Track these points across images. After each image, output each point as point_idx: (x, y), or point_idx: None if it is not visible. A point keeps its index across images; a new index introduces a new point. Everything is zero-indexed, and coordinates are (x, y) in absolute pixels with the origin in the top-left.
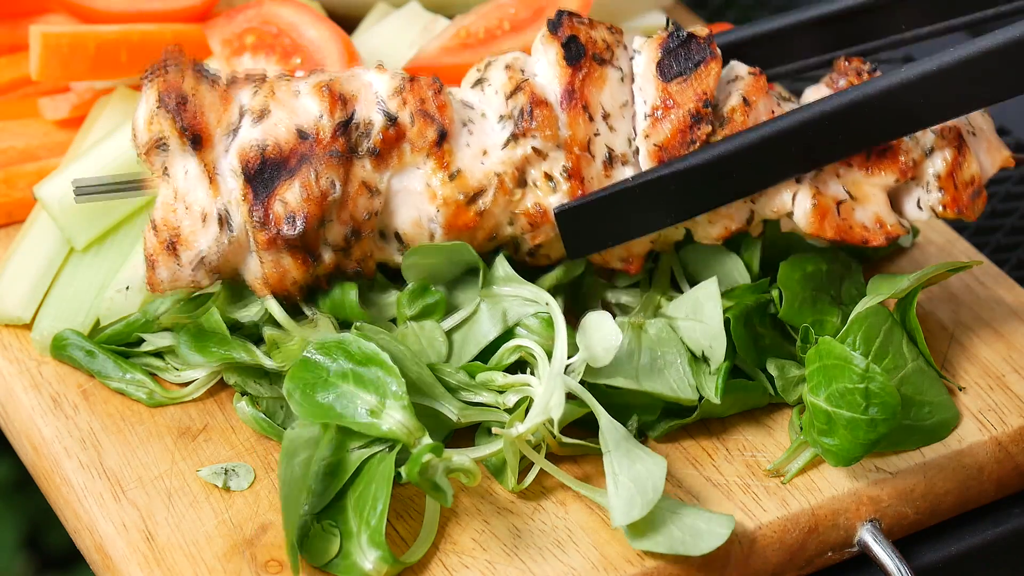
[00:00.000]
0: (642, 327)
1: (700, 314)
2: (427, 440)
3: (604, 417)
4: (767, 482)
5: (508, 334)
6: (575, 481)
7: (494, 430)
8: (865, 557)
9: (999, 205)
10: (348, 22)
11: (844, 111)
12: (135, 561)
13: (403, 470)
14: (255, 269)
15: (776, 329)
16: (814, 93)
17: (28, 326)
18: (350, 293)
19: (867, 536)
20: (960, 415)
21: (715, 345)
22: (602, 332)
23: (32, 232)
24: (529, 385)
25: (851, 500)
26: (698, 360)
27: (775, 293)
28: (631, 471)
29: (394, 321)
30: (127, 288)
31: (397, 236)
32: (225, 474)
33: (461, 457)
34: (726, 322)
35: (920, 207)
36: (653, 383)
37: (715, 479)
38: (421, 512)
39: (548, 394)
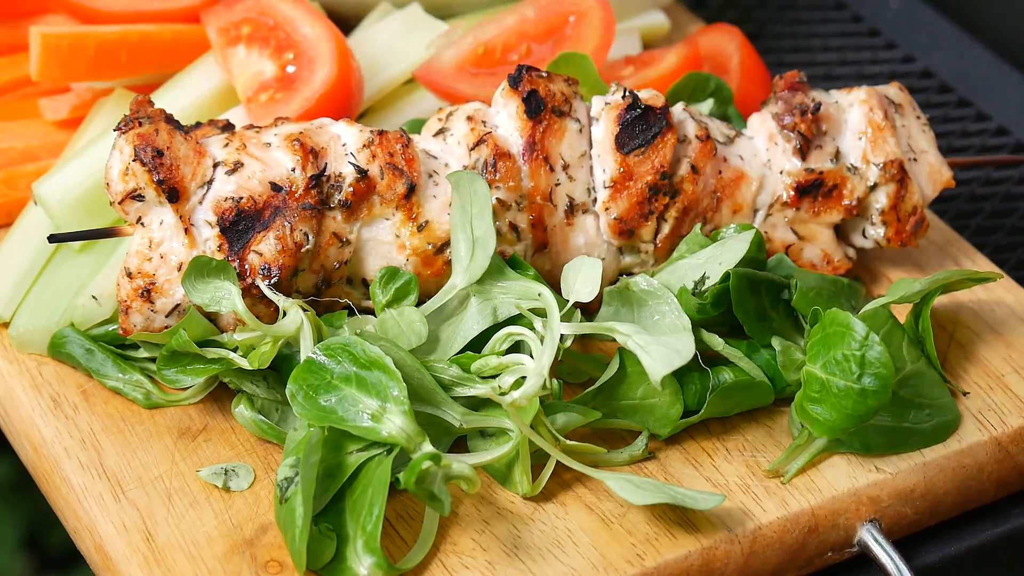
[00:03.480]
0: (627, 286)
1: (722, 255)
2: (427, 446)
3: (617, 325)
4: (767, 482)
5: (499, 327)
6: (591, 469)
7: (489, 395)
8: (865, 557)
9: (999, 205)
10: (350, 21)
11: None
12: (135, 561)
13: (401, 477)
14: (228, 316)
15: (789, 318)
16: (759, 122)
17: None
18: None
19: (867, 536)
20: (961, 417)
21: (724, 262)
22: (582, 271)
23: (19, 230)
24: (522, 363)
25: (851, 500)
26: (695, 294)
27: (792, 282)
28: (657, 341)
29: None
30: (93, 297)
31: (364, 283)
32: (225, 474)
33: (460, 465)
34: (726, 276)
35: (866, 236)
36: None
37: (715, 479)
38: (422, 514)
39: (542, 360)
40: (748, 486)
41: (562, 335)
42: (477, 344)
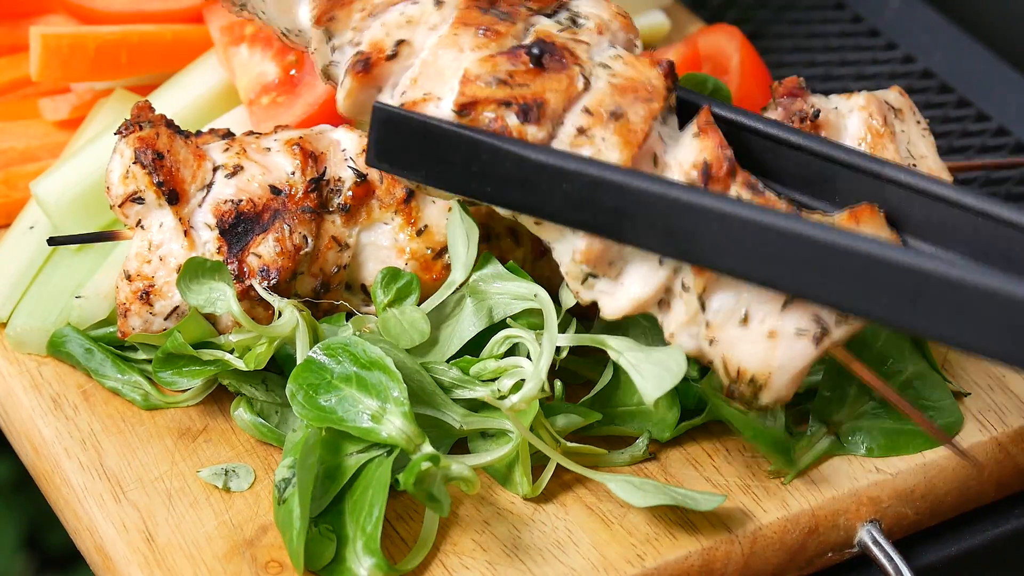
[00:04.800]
0: None
1: None
2: (427, 447)
3: (609, 338)
4: (767, 482)
5: (495, 328)
6: (591, 471)
7: (487, 399)
8: (865, 557)
9: None
10: None
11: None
12: (135, 562)
13: (400, 478)
14: (226, 317)
15: None
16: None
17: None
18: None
19: (867, 537)
20: (964, 419)
21: None
22: None
23: (17, 230)
24: (521, 367)
25: (851, 500)
26: None
27: None
28: (649, 358)
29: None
30: (78, 298)
31: (363, 288)
32: (225, 475)
33: (459, 466)
34: None
35: None
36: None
37: (715, 479)
38: (422, 514)
39: (540, 363)
40: (748, 486)
41: (558, 347)
42: (474, 346)
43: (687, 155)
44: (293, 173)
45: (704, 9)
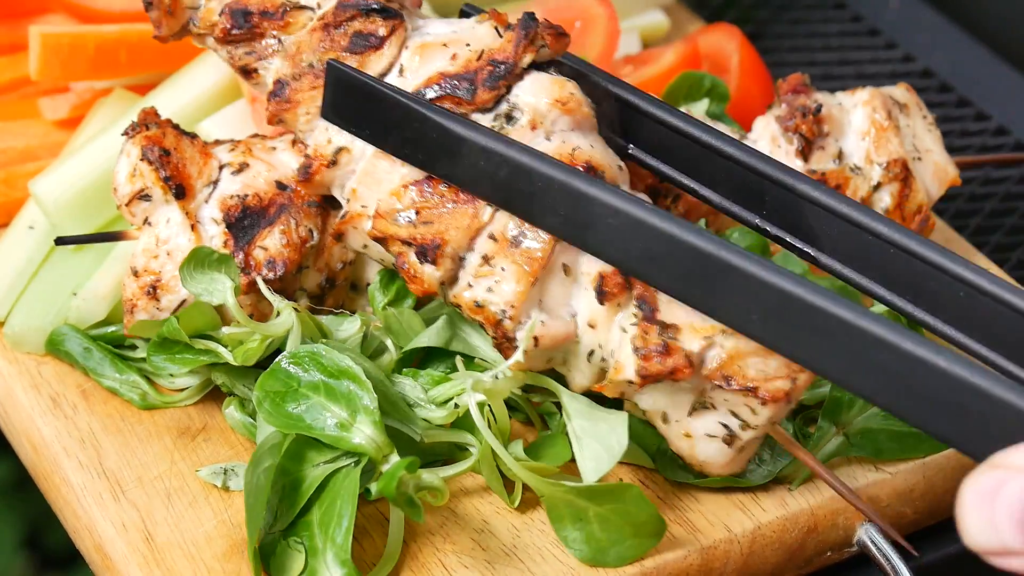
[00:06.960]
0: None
1: None
2: (395, 457)
3: (563, 393)
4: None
5: (444, 352)
6: (545, 480)
7: (447, 416)
8: (864, 557)
9: (999, 205)
10: None
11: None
12: (135, 561)
13: (376, 485)
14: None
15: None
16: (763, 125)
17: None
18: None
19: (866, 536)
20: None
21: None
22: None
23: (15, 228)
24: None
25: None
26: None
27: None
28: (594, 431)
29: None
30: (74, 294)
31: (369, 287)
32: (224, 474)
33: (430, 475)
34: None
35: None
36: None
37: (714, 479)
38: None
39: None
40: (748, 486)
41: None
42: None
43: (592, 264)
44: (299, 169)
45: (704, 9)
